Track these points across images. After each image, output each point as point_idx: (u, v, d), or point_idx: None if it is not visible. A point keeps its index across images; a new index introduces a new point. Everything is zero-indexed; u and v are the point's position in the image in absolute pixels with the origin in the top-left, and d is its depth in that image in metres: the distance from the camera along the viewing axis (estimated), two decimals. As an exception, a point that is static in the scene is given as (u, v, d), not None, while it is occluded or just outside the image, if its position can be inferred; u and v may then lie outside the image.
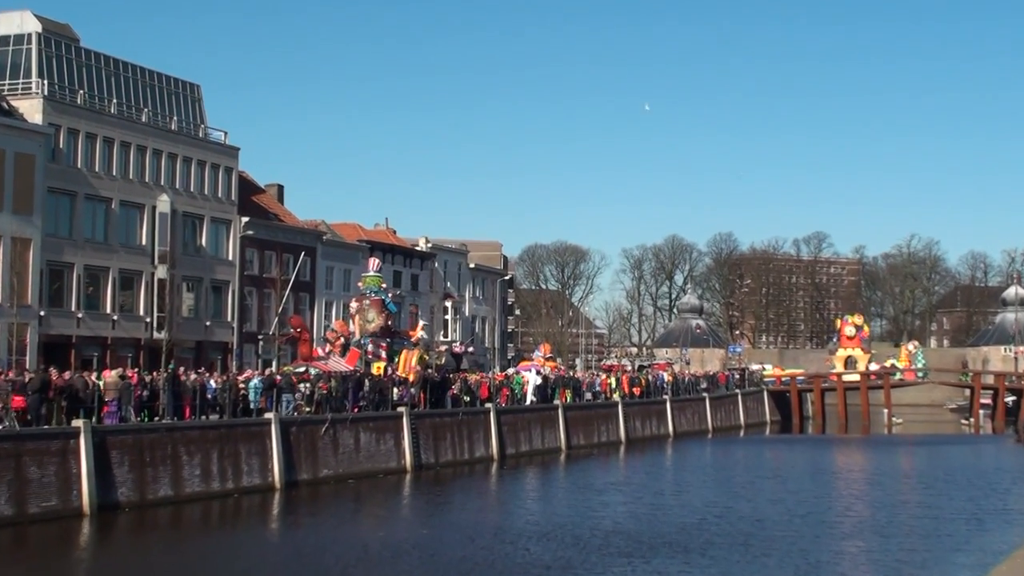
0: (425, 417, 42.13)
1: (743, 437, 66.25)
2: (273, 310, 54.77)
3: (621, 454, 52.12)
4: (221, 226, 55.42)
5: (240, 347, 55.12)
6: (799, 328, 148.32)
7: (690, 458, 49.72)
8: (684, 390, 66.58)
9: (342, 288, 63.14)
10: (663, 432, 60.97)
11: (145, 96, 52.89)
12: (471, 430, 44.60)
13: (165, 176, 52.08)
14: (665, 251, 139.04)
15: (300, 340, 46.74)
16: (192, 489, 31.31)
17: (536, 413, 49.70)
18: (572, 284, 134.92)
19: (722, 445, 58.67)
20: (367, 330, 48.48)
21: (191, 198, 53.56)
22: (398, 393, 42.31)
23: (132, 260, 50.04)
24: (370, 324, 48.74)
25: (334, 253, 62.93)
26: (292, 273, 56.59)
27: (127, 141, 50.30)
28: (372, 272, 51.83)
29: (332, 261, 62.66)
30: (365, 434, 38.67)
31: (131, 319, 49.77)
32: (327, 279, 62.31)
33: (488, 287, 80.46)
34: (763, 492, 35.45)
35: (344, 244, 64.73)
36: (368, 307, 48.84)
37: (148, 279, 50.43)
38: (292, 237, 59.62)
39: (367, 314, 48.87)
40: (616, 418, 56.35)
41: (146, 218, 50.88)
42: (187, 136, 54.12)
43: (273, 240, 57.82)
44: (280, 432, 34.52)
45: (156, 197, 51.33)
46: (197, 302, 53.84)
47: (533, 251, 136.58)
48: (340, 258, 63.36)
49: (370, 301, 49.12)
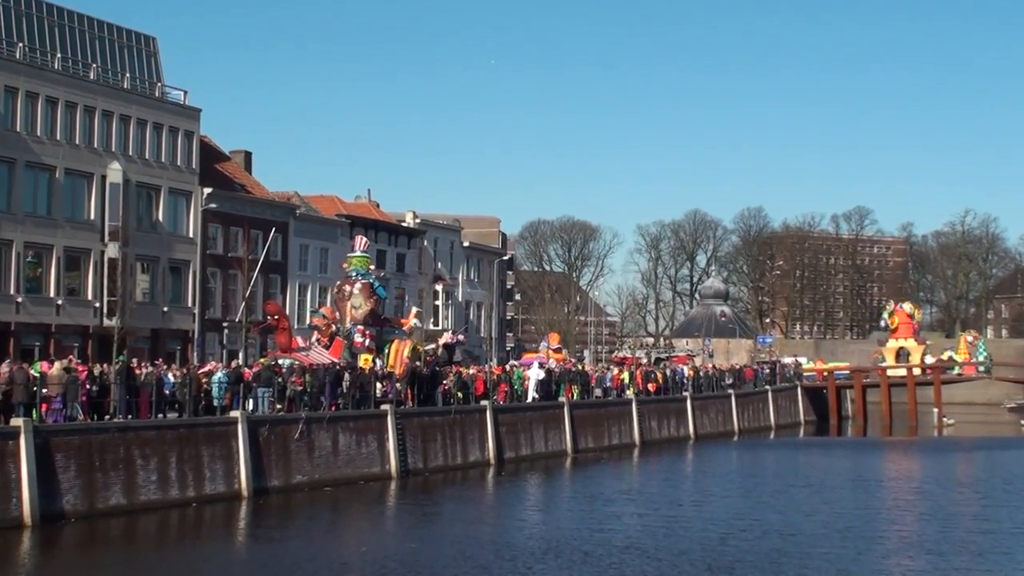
0: (412, 416, 42.18)
1: (773, 440, 66.36)
2: (240, 294, 54.72)
3: (635, 459, 52.22)
4: (180, 198, 55.31)
5: (202, 336, 55.17)
6: (837, 316, 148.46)
7: (713, 463, 49.78)
8: (707, 386, 66.69)
9: (318, 269, 63.10)
10: (683, 434, 61.10)
11: (94, 50, 52.66)
12: (465, 431, 44.66)
13: (116, 141, 51.91)
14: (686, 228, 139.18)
15: (277, 329, 46.60)
16: (148, 497, 31.34)
17: (538, 412, 49.78)
18: (580, 265, 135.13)
19: (750, 449, 58.71)
20: (354, 317, 48.61)
21: (146, 166, 53.40)
22: (382, 389, 42.43)
23: (79, 237, 49.93)
24: (357, 311, 48.88)
25: (309, 229, 62.85)
26: (261, 252, 56.50)
27: (73, 101, 50.10)
28: (359, 252, 51.98)
29: (307, 238, 62.58)
30: (344, 435, 38.75)
31: (78, 304, 49.72)
32: (301, 259, 62.29)
33: (484, 268, 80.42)
34: (797, 503, 35.43)
35: (320, 219, 64.62)
36: (356, 292, 48.98)
37: (97, 258, 50.34)
38: (261, 211, 59.53)
39: (354, 300, 48.99)
40: (629, 418, 56.49)
41: (95, 189, 50.76)
42: (141, 96, 53.96)
43: (239, 214, 57.74)
44: (248, 433, 34.60)
45: (106, 165, 51.18)
46: (153, 285, 53.79)
47: (535, 228, 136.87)
48: (316, 235, 63.28)
49: (360, 285, 49.28)
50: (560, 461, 48.84)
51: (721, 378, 69.13)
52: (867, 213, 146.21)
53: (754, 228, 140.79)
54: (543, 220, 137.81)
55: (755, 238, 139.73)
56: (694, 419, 62.31)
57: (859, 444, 64.21)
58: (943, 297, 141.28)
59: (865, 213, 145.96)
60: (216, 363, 41.45)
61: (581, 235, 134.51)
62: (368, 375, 42.08)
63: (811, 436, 70.22)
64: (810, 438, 68.83)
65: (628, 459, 51.89)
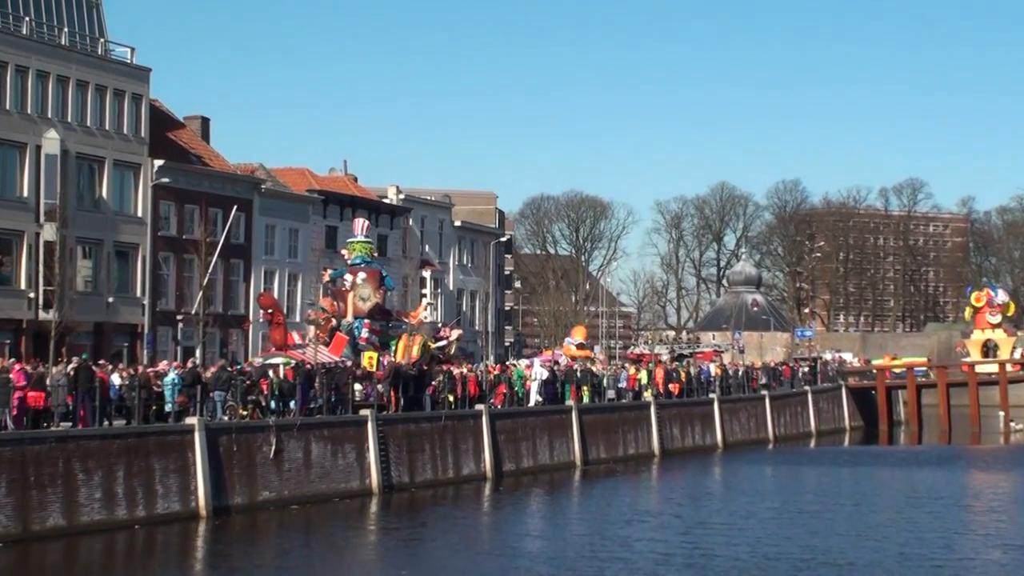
0: (396, 423, 42.21)
1: (815, 449, 66.42)
2: (196, 282, 54.59)
3: (654, 472, 52.19)
4: (127, 172, 55.17)
5: (153, 331, 55.06)
6: (887, 305, 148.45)
7: (745, 478, 49.73)
8: (737, 387, 66.76)
9: (287, 253, 63.05)
10: (709, 442, 61.22)
11: (27, 2, 52.36)
12: (457, 439, 44.68)
13: (53, 106, 51.73)
14: (712, 204, 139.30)
15: (272, 324, 47.17)
16: (91, 517, 31.32)
17: (542, 417, 49.79)
18: (589, 248, 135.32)
19: (787, 460, 58.74)
20: (360, 311, 48.93)
21: (87, 135, 53.23)
22: (361, 391, 42.40)
23: (10, 216, 49.82)
24: (364, 303, 49.27)
25: (276, 207, 62.77)
26: (221, 234, 56.41)
27: (3, 60, 49.92)
28: (360, 236, 52.29)
29: (273, 217, 62.52)
30: (318, 445, 38.81)
31: (9, 295, 49.62)
32: (267, 241, 62.24)
33: (479, 252, 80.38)
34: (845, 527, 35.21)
35: (289, 195, 64.54)
36: (362, 282, 49.40)
37: (31, 242, 50.23)
38: (221, 186, 59.44)
39: (360, 290, 49.33)
40: (647, 424, 56.53)
41: (28, 161, 50.61)
42: (82, 54, 53.75)
43: (196, 190, 57.67)
44: (206, 443, 34.63)
45: (41, 134, 51.03)
46: (96, 272, 53.68)
47: (538, 205, 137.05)
48: (284, 213, 63.21)
49: (367, 274, 49.72)
50: (567, 474, 48.79)
51: (753, 377, 69.20)
52: (921, 186, 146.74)
53: (790, 204, 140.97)
54: (546, 196, 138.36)
55: (791, 215, 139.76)
56: (722, 425, 62.37)
57: (916, 454, 63.97)
58: (1010, 282, 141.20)
59: (919, 186, 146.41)
60: (169, 362, 41.38)
61: (590, 213, 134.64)
62: (345, 375, 42.13)
63: (859, 445, 70.20)
64: (858, 447, 68.84)
65: (646, 472, 51.82)
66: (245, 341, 59.36)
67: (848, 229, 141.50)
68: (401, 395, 43.63)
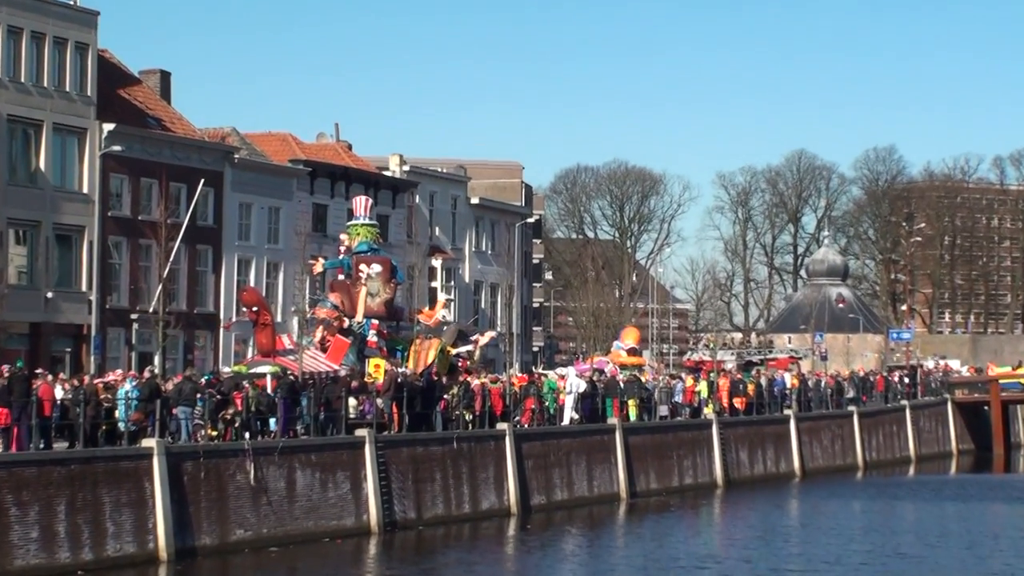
0: (400, 445, 42.09)
1: (914, 478, 66.24)
2: (155, 273, 54.62)
3: (716, 506, 52.07)
4: (70, 138, 55.22)
5: (102, 333, 55.15)
6: (1003, 301, 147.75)
7: (828, 514, 49.50)
8: (818, 401, 66.64)
9: (265, 237, 63.01)
10: (784, 469, 61.18)
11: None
12: (475, 466, 44.57)
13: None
14: (787, 177, 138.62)
15: (258, 325, 47.46)
16: (26, 561, 31.21)
17: (579, 439, 49.69)
18: (637, 231, 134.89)
19: (880, 491, 58.45)
20: (369, 309, 49.54)
21: (21, 93, 53.33)
22: (357, 407, 42.30)
23: (-72, 193, 49.86)
24: (375, 300, 49.93)
25: (252, 181, 62.74)
26: (185, 214, 56.36)
27: (-83, 0, 49.99)
28: (364, 219, 52.73)
29: (249, 194, 62.48)
30: (304, 472, 38.73)
31: (-73, 288, 49.63)
32: (241, 223, 62.23)
33: (501, 235, 79.97)
34: (953, 574, 35.06)
35: (268, 167, 64.51)
36: (374, 274, 50.10)
37: (-47, 223, 50.32)
38: (185, 155, 59.43)
39: (371, 284, 50.16)
40: (708, 447, 56.49)
41: (-51, 125, 50.68)
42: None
43: (154, 160, 57.58)
44: (167, 470, 34.51)
45: (-36, 91, 51.19)
46: (32, 261, 53.77)
47: (573, 178, 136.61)
48: (262, 189, 63.17)
49: (380, 264, 50.40)
50: (610, 509, 48.71)
51: (839, 390, 68.95)
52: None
53: (883, 176, 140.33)
54: (584, 167, 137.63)
55: (885, 191, 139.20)
56: (800, 449, 62.23)
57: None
58: None
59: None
60: (122, 372, 41.50)
61: (638, 188, 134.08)
62: (338, 387, 42.08)
63: (968, 472, 69.99)
64: (967, 475, 68.62)
65: (706, 506, 51.70)
66: (215, 346, 59.45)
67: (955, 207, 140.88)
68: (406, 411, 43.45)
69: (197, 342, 58.92)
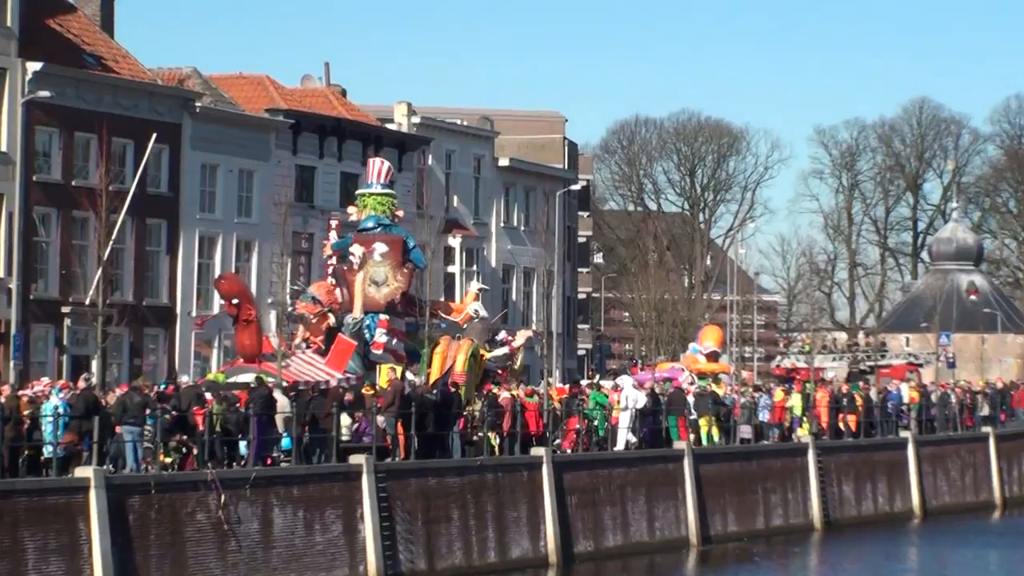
0: (408, 476, 42.39)
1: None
2: (93, 255, 54.48)
3: (813, 555, 52.59)
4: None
5: (24, 331, 55.26)
6: None
7: (957, 565, 50.11)
8: (944, 420, 66.63)
9: (236, 209, 63.33)
10: (900, 507, 61.39)
11: None
12: (503, 503, 44.78)
13: None
14: (905, 133, 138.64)
15: (239, 322, 48.22)
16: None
17: (637, 469, 49.97)
18: (712, 201, 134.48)
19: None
20: (376, 302, 49.87)
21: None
22: (351, 427, 42.48)
23: None
24: (380, 290, 50.46)
25: (219, 137, 63.05)
26: (133, 179, 56.65)
27: None
28: (378, 185, 53.43)
29: (214, 153, 62.84)
30: (284, 510, 38.94)
31: None
32: (204, 190, 62.44)
33: (537, 206, 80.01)
34: None
35: (238, 118, 64.91)
36: (379, 257, 50.65)
37: None
38: (132, 104, 59.74)
39: (374, 270, 50.54)
40: (803, 479, 56.64)
41: None
42: None
43: (92, 110, 57.76)
44: (108, 507, 34.44)
45: None
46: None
47: (631, 134, 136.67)
48: (230, 146, 63.51)
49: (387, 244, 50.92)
50: (676, 559, 49.00)
51: (970, 405, 68.84)
52: None
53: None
54: (644, 119, 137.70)
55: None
56: (921, 481, 62.26)
57: None
58: None
59: None
60: (50, 381, 41.60)
61: (712, 147, 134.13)
62: (325, 401, 42.27)
63: None
64: None
65: (800, 555, 52.12)
66: (170, 349, 59.63)
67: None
68: (414, 432, 43.36)
69: (147, 343, 59.10)
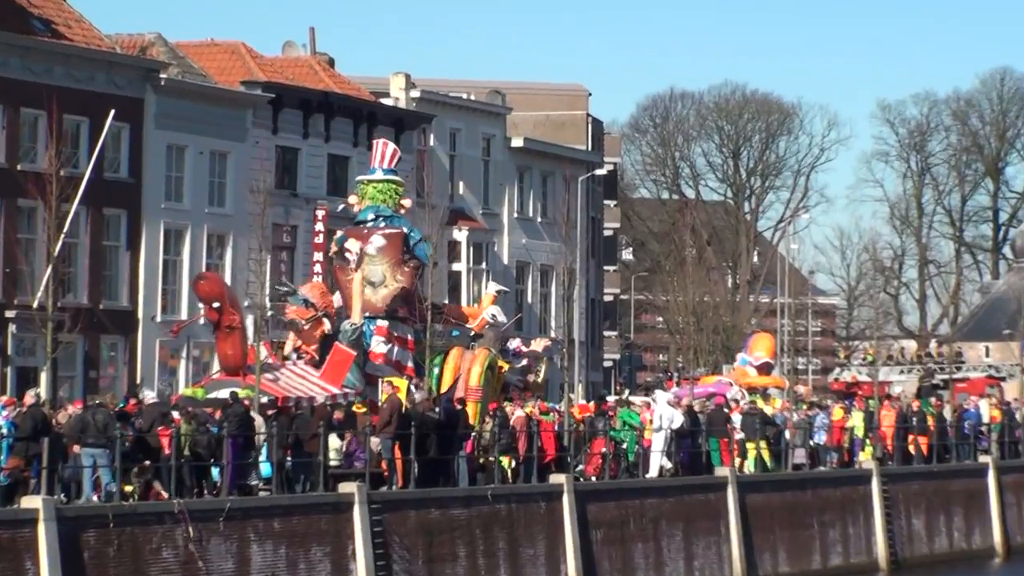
0: (407, 507, 42.86)
1: None
2: (41, 251, 54.20)
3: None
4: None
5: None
6: None
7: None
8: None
9: (207, 198, 63.74)
10: (979, 544, 62.00)
11: None
12: (517, 539, 45.31)
13: None
14: (983, 108, 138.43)
15: (220, 328, 48.83)
16: None
17: (673, 499, 50.49)
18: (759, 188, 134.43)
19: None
20: (374, 305, 50.85)
21: None
22: (342, 449, 42.93)
23: None
24: (377, 291, 51.53)
25: (187, 114, 63.47)
26: (88, 163, 57.10)
27: None
28: (382, 170, 54.33)
29: (182, 132, 63.10)
30: (263, 547, 39.49)
31: None
32: (170, 175, 62.81)
33: (556, 195, 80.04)
34: None
35: (210, 92, 65.34)
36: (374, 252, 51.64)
37: None
38: (87, 76, 60.16)
39: (370, 268, 51.55)
40: (866, 511, 57.11)
41: None
42: None
43: (41, 83, 58.15)
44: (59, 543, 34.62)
45: None
46: None
47: (664, 110, 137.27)
48: (201, 125, 63.85)
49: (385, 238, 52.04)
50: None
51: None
52: None
53: None
54: (681, 93, 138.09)
55: None
56: (1003, 513, 62.65)
57: None
58: None
59: None
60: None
61: (761, 125, 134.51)
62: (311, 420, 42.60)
63: None
64: None
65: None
66: (131, 360, 59.80)
67: None
68: (414, 456, 43.45)
69: (104, 353, 59.29)
